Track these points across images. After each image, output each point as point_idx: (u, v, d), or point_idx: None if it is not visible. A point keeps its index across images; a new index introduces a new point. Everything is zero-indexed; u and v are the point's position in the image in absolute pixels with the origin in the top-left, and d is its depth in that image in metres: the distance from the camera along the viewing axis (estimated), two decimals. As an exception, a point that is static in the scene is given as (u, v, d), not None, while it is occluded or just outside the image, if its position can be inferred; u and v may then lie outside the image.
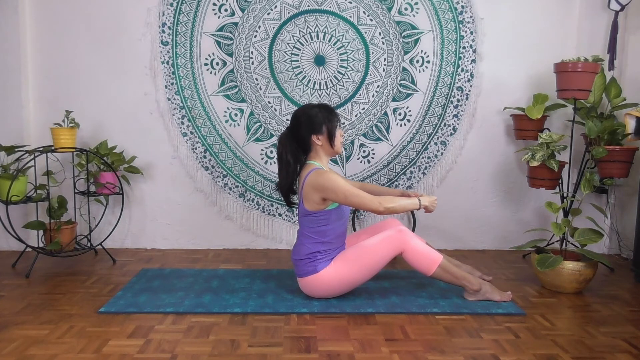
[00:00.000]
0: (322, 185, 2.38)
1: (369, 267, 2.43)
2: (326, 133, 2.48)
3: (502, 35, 3.38)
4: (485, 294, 2.48)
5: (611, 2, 3.22)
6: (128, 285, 2.69)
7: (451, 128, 3.43)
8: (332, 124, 2.49)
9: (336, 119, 2.52)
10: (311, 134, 2.48)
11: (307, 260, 2.46)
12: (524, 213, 3.54)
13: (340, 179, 2.41)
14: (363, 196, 2.37)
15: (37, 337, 2.07)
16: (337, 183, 2.37)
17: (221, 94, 3.35)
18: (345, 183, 2.40)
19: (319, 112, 2.49)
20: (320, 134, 2.48)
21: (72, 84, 3.32)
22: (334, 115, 2.51)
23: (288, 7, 3.28)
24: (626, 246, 3.32)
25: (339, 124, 2.53)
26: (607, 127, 2.96)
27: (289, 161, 2.50)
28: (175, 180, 3.42)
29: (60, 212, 3.06)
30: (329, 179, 2.38)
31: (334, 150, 2.53)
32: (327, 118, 2.49)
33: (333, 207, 2.46)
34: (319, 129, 2.48)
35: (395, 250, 2.41)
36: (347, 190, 2.36)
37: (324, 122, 2.48)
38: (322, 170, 2.43)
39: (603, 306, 2.51)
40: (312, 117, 2.48)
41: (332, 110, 2.53)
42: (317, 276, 2.44)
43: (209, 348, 2.00)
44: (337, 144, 2.52)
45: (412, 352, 1.98)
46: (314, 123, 2.47)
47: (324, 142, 2.50)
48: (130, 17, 3.28)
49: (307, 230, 2.49)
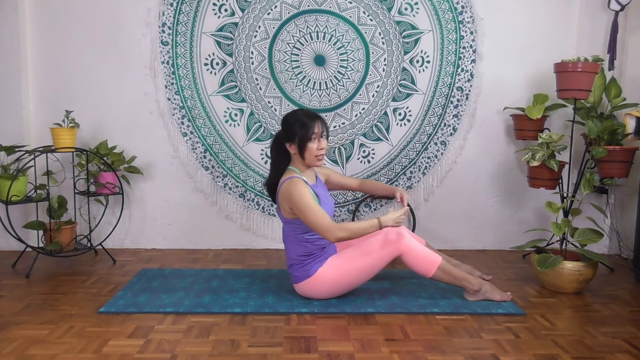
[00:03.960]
0: (290, 196, 2.34)
1: (366, 269, 2.42)
2: (297, 143, 2.41)
3: (502, 35, 3.38)
4: (486, 293, 2.48)
5: (611, 2, 3.22)
6: (128, 285, 2.69)
7: (451, 128, 3.43)
8: (305, 135, 2.37)
9: (312, 131, 2.37)
10: (286, 141, 2.45)
11: (297, 265, 2.46)
12: (524, 213, 3.54)
13: (308, 195, 2.32)
14: (321, 221, 2.28)
15: (37, 337, 2.07)
16: (302, 199, 2.31)
17: (221, 94, 3.35)
18: (309, 201, 2.31)
19: (295, 120, 2.40)
20: (292, 143, 2.43)
21: (72, 84, 3.32)
22: (310, 126, 2.37)
23: (288, 7, 3.29)
24: (626, 246, 3.32)
25: (317, 136, 2.39)
26: (607, 127, 2.96)
27: (276, 160, 2.52)
28: (175, 180, 3.42)
29: (60, 212, 3.06)
30: (297, 193, 2.32)
31: (305, 162, 2.45)
32: (301, 127, 2.37)
33: None
34: (292, 138, 2.41)
35: (393, 253, 2.40)
36: (308, 210, 2.29)
37: (297, 131, 2.39)
38: (296, 180, 2.37)
39: (603, 306, 2.51)
40: (288, 124, 2.42)
41: (313, 119, 2.39)
42: (311, 280, 2.43)
43: (209, 348, 2.00)
44: (309, 156, 2.41)
45: (412, 352, 1.98)
46: (287, 130, 2.43)
47: (296, 152, 2.43)
48: (130, 17, 3.28)
49: (290, 236, 2.48)
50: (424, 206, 3.50)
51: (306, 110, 2.50)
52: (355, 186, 2.80)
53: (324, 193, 2.57)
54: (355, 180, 2.82)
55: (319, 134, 2.41)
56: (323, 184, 2.66)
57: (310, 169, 2.53)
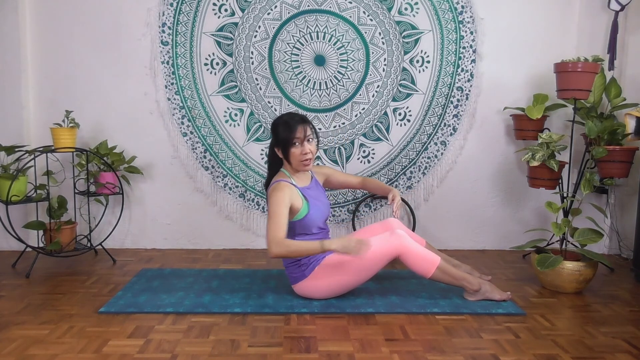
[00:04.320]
0: (268, 199, 2.39)
1: (364, 270, 2.42)
2: (281, 148, 2.43)
3: (502, 35, 3.38)
4: (485, 293, 2.48)
5: (611, 2, 3.22)
6: (128, 285, 2.69)
7: (451, 128, 3.43)
8: (287, 140, 2.38)
9: (294, 136, 2.37)
10: (274, 145, 2.48)
11: (293, 266, 2.47)
12: (524, 213, 3.54)
13: (280, 204, 2.31)
14: (272, 231, 2.26)
15: (37, 337, 2.07)
16: (273, 206, 2.33)
17: (221, 94, 3.35)
18: (277, 209, 2.30)
19: (279, 125, 2.42)
20: (278, 148, 2.45)
21: (72, 84, 3.32)
22: (292, 131, 2.37)
23: (288, 7, 3.28)
24: (626, 246, 3.32)
25: (300, 141, 2.39)
26: (607, 127, 2.96)
27: (270, 162, 2.57)
28: (175, 180, 3.42)
29: (60, 212, 3.06)
30: (273, 197, 2.35)
31: (292, 166, 2.46)
32: (284, 132, 2.39)
33: (297, 219, 2.43)
34: (277, 143, 2.44)
35: (391, 254, 2.39)
36: (271, 216, 2.30)
37: (280, 136, 2.41)
38: (281, 184, 2.39)
39: (603, 306, 2.51)
40: (274, 127, 2.45)
41: (296, 124, 2.38)
42: (308, 280, 2.43)
43: (209, 348, 2.00)
44: (294, 161, 2.42)
45: (412, 352, 1.98)
46: (273, 133, 2.46)
47: (282, 155, 2.46)
48: (130, 17, 3.28)
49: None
50: (424, 206, 3.50)
51: (293, 114, 2.49)
52: (357, 184, 2.80)
53: (318, 194, 2.56)
54: (357, 178, 2.82)
55: (301, 138, 2.40)
56: (319, 185, 2.65)
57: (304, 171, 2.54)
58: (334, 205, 3.46)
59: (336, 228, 3.50)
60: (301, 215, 2.43)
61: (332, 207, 3.47)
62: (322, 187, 2.67)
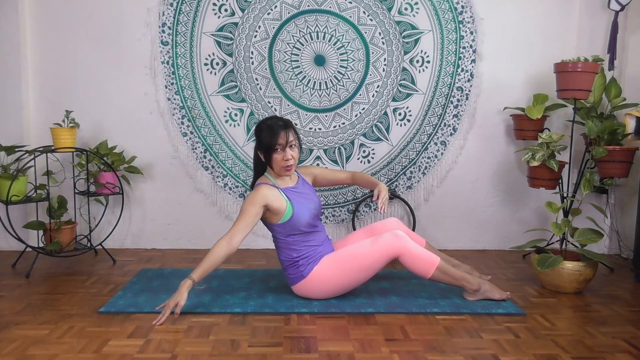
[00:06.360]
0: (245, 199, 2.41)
1: (362, 270, 2.41)
2: (263, 152, 2.43)
3: (502, 35, 3.38)
4: (485, 292, 2.47)
5: (611, 2, 3.22)
6: (128, 285, 2.69)
7: (451, 128, 3.43)
8: (269, 145, 2.37)
9: (275, 142, 2.36)
10: (256, 147, 2.49)
11: (290, 267, 2.47)
12: (524, 213, 3.54)
13: (252, 206, 2.34)
14: (234, 231, 2.33)
15: (37, 337, 2.07)
16: (246, 205, 2.36)
17: (221, 94, 3.35)
18: (246, 210, 2.34)
19: (261, 129, 2.41)
20: (260, 150, 2.45)
21: (72, 84, 3.32)
22: (274, 137, 2.36)
23: (288, 7, 3.28)
24: (626, 246, 3.32)
25: (281, 147, 2.37)
26: (607, 127, 2.96)
27: (254, 164, 2.57)
28: (175, 180, 3.42)
29: (60, 212, 3.06)
30: (249, 198, 2.37)
31: (274, 171, 2.45)
32: (266, 137, 2.38)
33: (283, 220, 2.42)
34: (259, 146, 2.44)
35: (390, 254, 2.39)
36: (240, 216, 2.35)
37: (262, 141, 2.40)
38: (261, 186, 2.40)
39: (603, 306, 2.51)
40: (258, 131, 2.44)
41: (278, 129, 2.37)
42: (306, 280, 2.43)
43: (209, 348, 2.00)
44: (276, 166, 2.41)
45: (412, 352, 1.98)
46: (257, 137, 2.45)
47: (264, 160, 2.46)
48: (130, 17, 3.28)
49: (277, 239, 2.50)
50: (424, 206, 3.50)
51: (277, 118, 2.47)
52: (346, 179, 2.77)
53: (307, 194, 2.53)
54: (346, 173, 2.78)
55: (283, 144, 2.38)
56: (308, 185, 2.62)
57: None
58: (334, 205, 3.46)
59: (336, 228, 3.50)
60: (287, 216, 2.41)
61: (332, 207, 3.47)
62: (310, 187, 2.63)
